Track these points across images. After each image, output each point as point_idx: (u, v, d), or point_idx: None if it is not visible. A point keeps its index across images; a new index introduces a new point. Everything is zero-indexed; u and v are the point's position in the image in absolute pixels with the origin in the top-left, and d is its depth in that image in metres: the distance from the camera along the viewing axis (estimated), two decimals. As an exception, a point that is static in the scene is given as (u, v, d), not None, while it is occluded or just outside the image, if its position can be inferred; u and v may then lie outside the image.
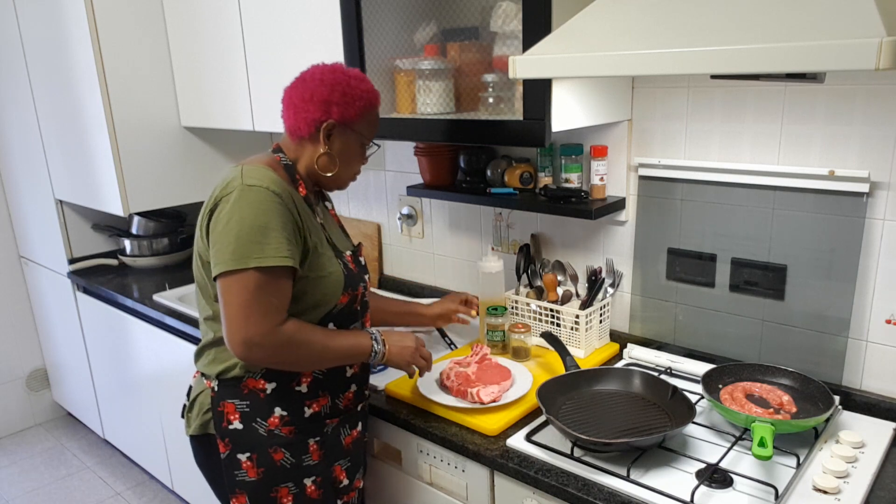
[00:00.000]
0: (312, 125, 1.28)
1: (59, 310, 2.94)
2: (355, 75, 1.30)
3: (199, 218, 1.28)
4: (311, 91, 1.27)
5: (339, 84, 1.27)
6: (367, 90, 1.31)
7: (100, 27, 2.17)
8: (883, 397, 1.38)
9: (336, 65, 1.32)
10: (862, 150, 1.32)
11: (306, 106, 1.27)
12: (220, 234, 1.18)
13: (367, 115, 1.31)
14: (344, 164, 1.33)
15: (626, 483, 1.16)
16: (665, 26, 1.06)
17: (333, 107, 1.27)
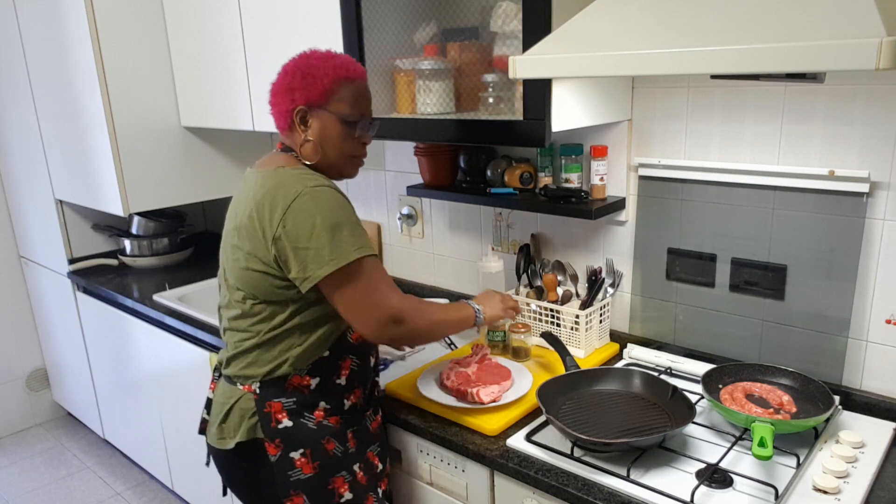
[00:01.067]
0: (287, 116, 1.28)
1: (59, 310, 2.94)
2: (321, 55, 1.27)
3: (234, 227, 1.27)
4: (277, 83, 1.28)
5: (300, 68, 1.26)
6: (333, 66, 1.26)
7: (100, 27, 2.17)
8: (883, 397, 1.38)
9: (307, 51, 1.30)
10: (862, 150, 1.32)
11: (277, 100, 1.28)
12: (311, 240, 1.17)
13: (336, 91, 1.26)
14: (330, 147, 1.29)
15: (626, 483, 1.16)
16: (665, 26, 1.06)
17: (296, 92, 1.25)
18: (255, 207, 1.22)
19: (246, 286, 1.27)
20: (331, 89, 1.26)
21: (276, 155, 1.32)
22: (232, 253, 1.28)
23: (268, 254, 1.21)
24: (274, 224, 1.19)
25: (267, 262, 1.22)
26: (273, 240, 1.19)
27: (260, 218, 1.21)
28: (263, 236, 1.21)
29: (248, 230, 1.23)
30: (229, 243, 1.30)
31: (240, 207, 1.27)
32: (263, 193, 1.21)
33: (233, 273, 1.28)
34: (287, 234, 1.18)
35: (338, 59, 1.27)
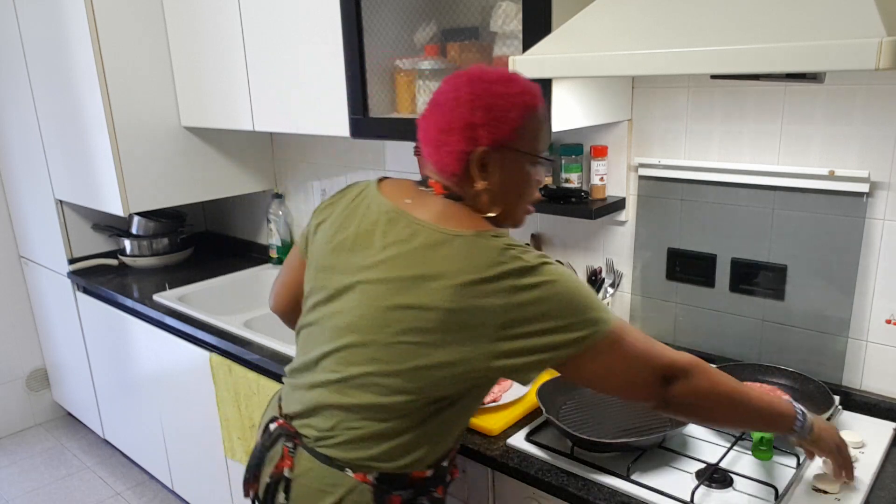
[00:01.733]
0: (461, 159, 1.02)
1: (59, 310, 2.94)
2: (498, 77, 1.02)
3: (396, 297, 0.98)
4: (447, 117, 1.01)
5: (480, 97, 1.00)
6: (519, 92, 1.02)
7: (100, 27, 2.17)
8: (883, 397, 1.38)
9: (471, 71, 1.03)
10: (862, 150, 1.32)
11: (446, 138, 1.01)
12: (563, 309, 0.94)
13: (526, 124, 1.02)
14: (513, 195, 1.06)
15: (626, 483, 1.16)
16: (665, 26, 1.06)
17: (479, 130, 1.00)
18: (455, 292, 0.94)
19: (415, 381, 1.00)
20: (520, 123, 1.02)
21: (442, 203, 1.04)
22: (393, 324, 0.99)
23: (484, 351, 0.96)
24: (496, 316, 0.94)
25: (473, 358, 0.97)
26: (497, 339, 0.95)
27: (471, 310, 0.94)
28: (480, 333, 0.95)
29: (445, 321, 0.95)
30: (383, 305, 1.00)
31: (400, 267, 0.99)
32: (468, 272, 0.94)
33: (391, 357, 1.00)
34: (516, 323, 0.94)
35: (519, 83, 1.03)
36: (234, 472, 2.15)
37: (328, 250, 1.10)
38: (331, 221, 1.14)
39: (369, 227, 1.06)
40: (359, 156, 2.32)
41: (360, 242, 1.06)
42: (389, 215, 1.05)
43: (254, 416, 1.93)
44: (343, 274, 1.06)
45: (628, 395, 1.00)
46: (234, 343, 1.92)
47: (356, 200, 1.12)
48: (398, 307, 0.98)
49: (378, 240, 1.04)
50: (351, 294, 1.04)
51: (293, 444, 1.09)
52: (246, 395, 1.93)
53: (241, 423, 1.99)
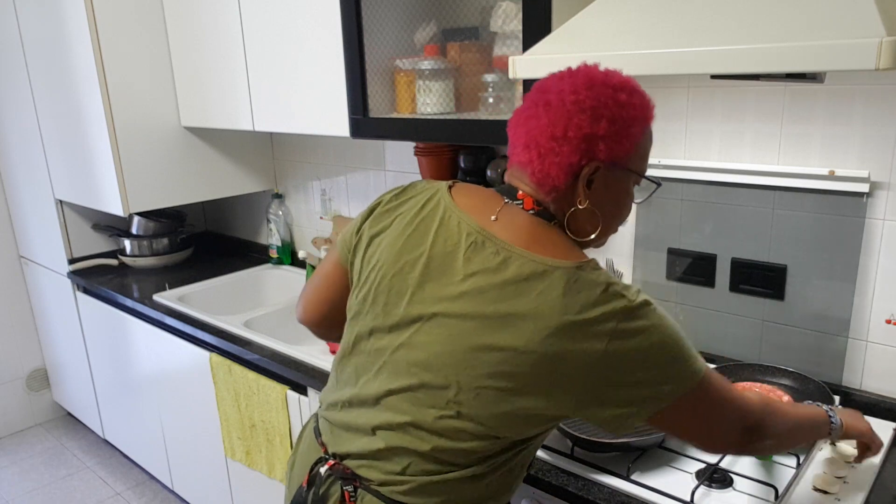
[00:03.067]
0: (569, 173, 0.90)
1: (59, 310, 2.94)
2: (622, 84, 0.90)
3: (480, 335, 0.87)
4: (563, 122, 0.88)
5: (605, 105, 0.88)
6: (641, 105, 0.91)
7: (100, 27, 2.17)
8: (883, 397, 1.38)
9: (592, 73, 0.91)
10: (862, 150, 1.32)
11: (558, 146, 0.89)
12: (662, 360, 0.87)
13: (643, 142, 0.93)
14: (611, 215, 0.97)
15: (626, 483, 1.16)
16: (665, 26, 1.06)
17: (600, 143, 0.88)
18: (552, 335, 0.84)
19: (500, 427, 0.91)
20: (640, 141, 0.92)
21: (534, 223, 0.93)
22: (479, 366, 0.88)
23: (576, 399, 0.87)
24: (591, 361, 0.84)
25: (563, 405, 0.88)
26: (591, 387, 0.86)
27: (567, 354, 0.84)
28: (574, 379, 0.86)
29: (538, 366, 0.85)
30: (467, 344, 0.88)
31: (489, 301, 0.88)
32: (567, 313, 0.84)
33: (475, 401, 0.90)
34: (610, 371, 0.85)
35: (642, 94, 0.92)
36: (234, 472, 2.15)
37: (393, 270, 0.96)
38: (393, 234, 0.99)
39: (450, 249, 0.93)
40: (359, 156, 2.32)
41: (438, 267, 0.93)
42: (474, 237, 0.92)
43: (254, 416, 1.93)
44: (415, 302, 0.93)
45: (709, 445, 0.94)
46: (234, 343, 1.92)
47: (426, 211, 0.98)
48: (485, 348, 0.87)
49: (461, 266, 0.91)
50: (426, 327, 0.92)
51: (353, 488, 0.98)
52: (246, 395, 1.93)
53: (241, 423, 1.99)
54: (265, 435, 1.91)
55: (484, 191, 0.99)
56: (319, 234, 2.55)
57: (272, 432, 1.88)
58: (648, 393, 0.86)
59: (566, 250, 0.90)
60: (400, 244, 0.97)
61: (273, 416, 1.85)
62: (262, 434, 1.92)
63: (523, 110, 0.94)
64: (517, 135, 0.94)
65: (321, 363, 1.73)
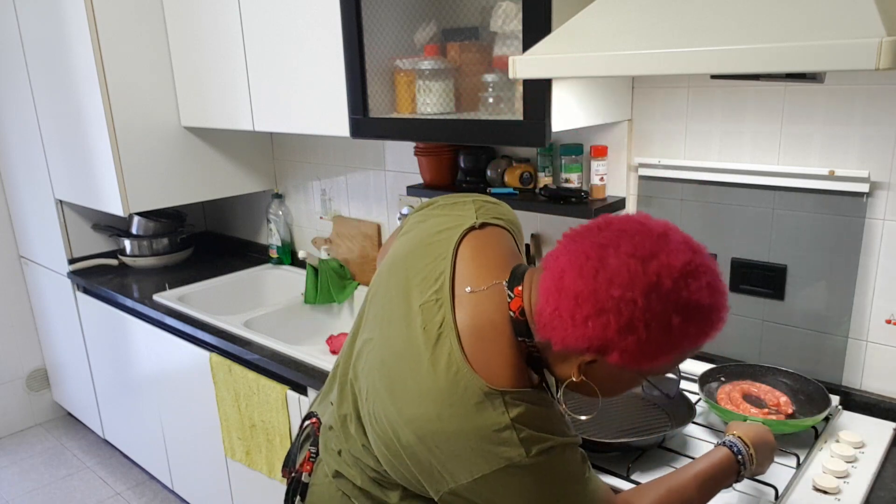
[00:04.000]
0: (572, 349, 0.79)
1: (59, 310, 2.94)
2: (690, 302, 0.74)
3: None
4: (592, 307, 0.75)
5: (649, 325, 0.74)
6: (695, 335, 0.76)
7: (100, 27, 2.17)
8: (883, 397, 1.38)
9: (669, 261, 0.75)
10: (862, 150, 1.32)
11: (573, 325, 0.77)
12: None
13: (671, 364, 0.80)
14: (606, 391, 0.86)
15: (627, 483, 1.16)
16: (665, 26, 1.05)
17: (615, 351, 0.76)
18: (429, 436, 0.81)
19: (395, 475, 0.91)
20: (668, 364, 0.80)
21: (499, 323, 0.85)
22: (378, 405, 0.88)
23: (432, 491, 0.85)
24: (455, 481, 0.81)
25: (424, 490, 0.87)
26: (448, 493, 0.83)
27: (437, 457, 0.81)
28: (434, 481, 0.83)
29: (413, 450, 0.83)
30: (378, 382, 0.88)
31: (406, 363, 0.85)
32: (449, 434, 0.79)
33: (371, 432, 0.90)
34: (471, 498, 0.81)
35: (702, 323, 0.76)
36: (234, 472, 2.15)
37: (388, 271, 0.98)
38: (411, 240, 0.99)
39: (417, 288, 0.90)
40: (359, 156, 2.32)
41: (402, 295, 0.92)
42: (438, 296, 0.87)
43: (253, 416, 1.93)
44: (378, 313, 0.95)
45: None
46: (234, 343, 1.92)
47: (438, 238, 0.95)
48: (376, 394, 0.88)
49: (412, 310, 0.89)
50: (370, 343, 0.93)
51: (316, 451, 1.05)
52: (246, 395, 1.93)
53: (240, 423, 1.99)
54: (265, 435, 1.91)
55: (498, 253, 0.92)
56: (319, 234, 2.55)
57: (272, 432, 1.88)
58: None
59: (504, 369, 0.82)
60: (404, 253, 0.98)
61: (273, 416, 1.85)
62: (262, 434, 1.92)
63: (577, 249, 0.79)
64: (557, 266, 0.80)
65: (321, 363, 1.73)
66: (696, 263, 0.76)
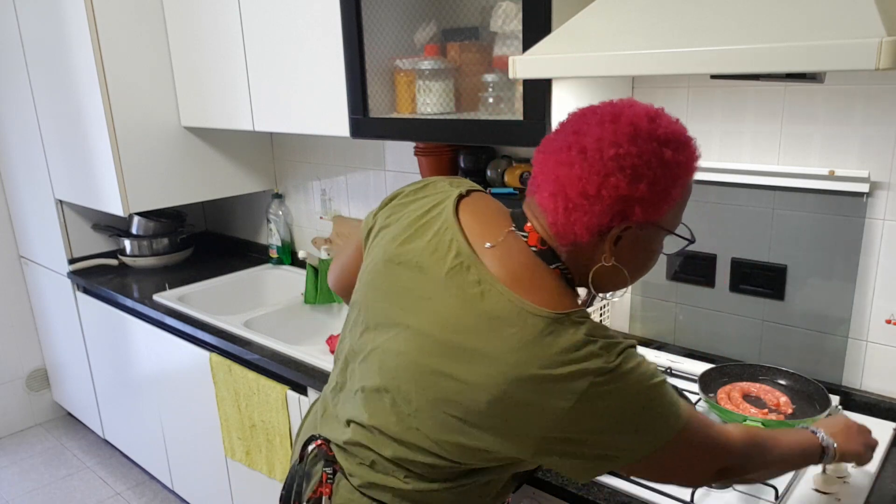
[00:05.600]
0: (594, 231, 0.83)
1: (59, 310, 2.94)
2: (667, 136, 0.82)
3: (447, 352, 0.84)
4: (598, 178, 0.80)
5: (648, 164, 0.80)
6: (687, 161, 0.83)
7: (100, 27, 2.17)
8: (883, 397, 1.38)
9: (636, 118, 0.82)
10: (862, 150, 1.32)
11: (588, 204, 0.81)
12: (634, 419, 0.81)
13: (681, 200, 0.85)
14: (632, 268, 0.89)
15: (626, 483, 1.16)
16: (665, 26, 1.05)
17: (635, 206, 0.80)
18: (513, 383, 0.80)
19: (454, 455, 0.89)
20: (679, 200, 0.85)
21: (528, 261, 0.87)
22: (434, 390, 0.86)
23: (532, 448, 0.83)
24: (553, 418, 0.80)
25: (519, 450, 0.85)
26: (552, 440, 0.81)
27: (527, 405, 0.80)
28: (532, 429, 0.81)
29: (493, 408, 0.82)
30: (430, 366, 0.86)
31: (457, 328, 0.84)
32: (534, 366, 0.79)
33: (431, 423, 0.88)
34: (574, 430, 0.81)
35: (692, 148, 0.85)
36: (234, 472, 2.15)
37: (385, 268, 0.95)
38: (394, 232, 0.97)
39: (433, 264, 0.89)
40: (359, 156, 2.32)
41: (421, 278, 0.90)
42: (461, 259, 0.87)
43: (253, 416, 1.93)
44: (395, 305, 0.92)
45: (684, 485, 0.93)
46: (234, 343, 1.92)
47: (428, 216, 0.95)
48: (444, 374, 0.84)
49: (441, 284, 0.87)
50: (402, 335, 0.90)
51: (332, 471, 1.00)
52: (246, 395, 1.93)
53: (241, 423, 1.99)
54: (265, 435, 1.91)
55: (494, 211, 0.94)
56: (319, 234, 2.55)
57: (272, 432, 1.88)
58: (615, 451, 0.82)
59: (553, 296, 0.83)
60: (396, 244, 0.95)
61: (273, 416, 1.85)
62: (262, 434, 1.92)
63: (554, 149, 0.85)
64: (544, 175, 0.85)
65: (321, 363, 1.73)
66: (653, 108, 0.86)
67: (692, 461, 0.87)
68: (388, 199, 1.05)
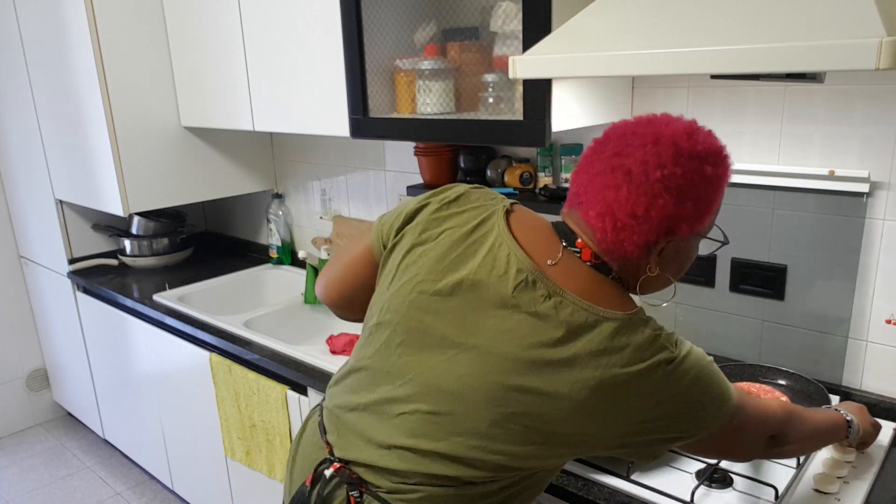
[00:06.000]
0: (642, 247, 0.87)
1: (59, 310, 2.94)
2: (706, 152, 0.85)
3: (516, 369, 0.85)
4: (646, 201, 0.84)
5: (692, 184, 0.84)
6: (725, 172, 0.88)
7: (100, 27, 2.17)
8: (883, 397, 1.38)
9: (677, 137, 0.85)
10: (862, 150, 1.32)
11: (637, 225, 0.85)
12: (698, 405, 0.87)
13: (720, 207, 0.92)
14: (675, 273, 0.95)
15: (626, 483, 1.16)
16: (665, 26, 1.05)
17: (682, 224, 0.85)
18: (594, 385, 0.83)
19: (521, 461, 0.90)
20: (717, 210, 0.91)
21: (590, 275, 0.90)
22: (509, 405, 0.86)
23: (609, 442, 0.88)
24: (634, 412, 0.85)
25: (594, 445, 0.88)
26: (626, 433, 0.86)
27: (607, 405, 0.84)
28: (611, 426, 0.86)
29: (573, 413, 0.84)
30: (501, 382, 0.86)
31: (532, 342, 0.86)
32: (613, 365, 0.83)
33: (499, 436, 0.87)
34: (652, 419, 0.86)
35: (727, 160, 0.89)
36: (234, 472, 2.15)
37: (432, 289, 0.93)
38: (439, 251, 0.95)
39: (494, 281, 0.89)
40: (359, 156, 2.32)
41: (482, 297, 0.90)
42: (525, 275, 0.88)
43: (253, 416, 1.93)
44: (451, 326, 0.91)
45: (736, 458, 0.99)
46: (234, 343, 1.92)
47: (478, 234, 0.94)
48: (520, 389, 0.85)
49: (508, 301, 0.88)
50: (463, 357, 0.89)
51: (359, 493, 0.95)
52: (246, 395, 1.93)
53: (240, 423, 1.99)
54: (265, 435, 1.91)
55: (540, 224, 0.95)
56: (319, 234, 2.55)
57: (272, 432, 1.88)
58: (683, 429, 0.88)
59: (619, 300, 0.88)
60: (445, 263, 0.93)
61: (273, 416, 1.85)
62: (262, 434, 1.92)
63: (598, 171, 0.88)
64: (589, 196, 0.89)
65: (321, 363, 1.73)
66: (688, 123, 0.88)
67: (747, 435, 0.93)
68: (412, 211, 1.01)
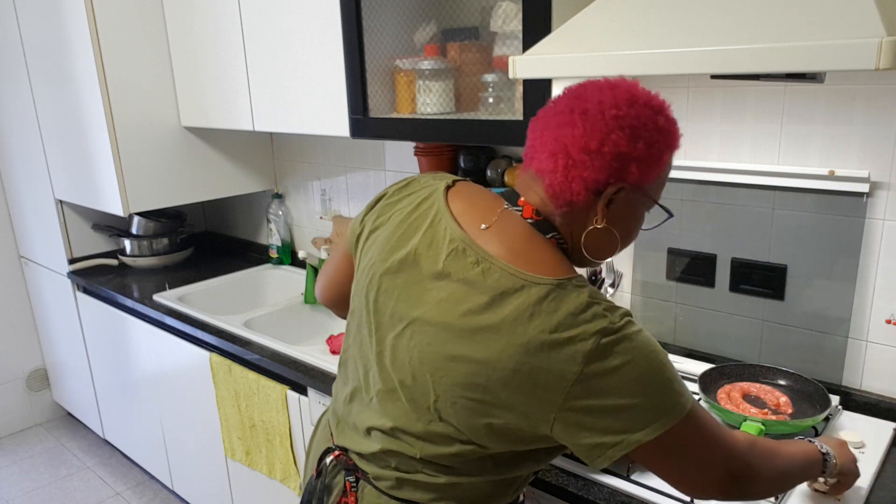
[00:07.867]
0: (592, 190, 0.86)
1: (59, 310, 2.94)
2: (660, 106, 0.88)
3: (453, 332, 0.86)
4: (600, 135, 0.84)
5: (645, 127, 0.85)
6: (674, 131, 0.89)
7: (100, 27, 2.17)
8: (883, 397, 1.38)
9: (633, 89, 0.88)
10: (862, 150, 1.32)
11: (589, 160, 0.84)
12: (641, 388, 0.81)
13: (666, 170, 0.91)
14: (622, 234, 0.92)
15: (626, 483, 1.16)
16: (665, 26, 1.05)
17: (632, 165, 0.85)
18: (522, 352, 0.81)
19: (480, 438, 0.89)
20: (667, 168, 0.90)
21: (525, 232, 0.89)
22: (452, 376, 0.86)
23: (547, 418, 0.83)
24: (566, 383, 0.80)
25: (536, 423, 0.85)
26: (562, 409, 0.82)
27: (537, 372, 0.81)
28: (544, 398, 0.82)
29: (507, 381, 0.83)
30: (443, 353, 0.87)
31: (462, 311, 0.86)
32: (540, 331, 0.81)
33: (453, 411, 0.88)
34: (588, 395, 0.81)
35: (674, 120, 0.90)
36: (234, 472, 2.15)
37: (382, 268, 0.95)
38: (387, 231, 0.98)
39: (432, 254, 0.91)
40: (359, 156, 2.32)
41: (420, 271, 0.91)
42: (456, 244, 0.89)
43: (253, 416, 1.93)
44: (401, 304, 0.92)
45: (691, 487, 0.88)
46: (234, 343, 1.92)
47: (420, 210, 0.97)
48: (458, 358, 0.85)
49: (440, 272, 0.89)
50: (408, 331, 0.91)
51: (355, 479, 1.00)
52: (246, 395, 1.93)
53: (241, 423, 1.99)
54: (265, 435, 1.91)
55: (485, 195, 0.96)
56: (319, 234, 2.55)
57: (272, 432, 1.88)
58: (628, 424, 0.81)
59: (552, 265, 0.86)
60: (392, 242, 0.96)
61: (273, 416, 1.85)
62: (262, 434, 1.92)
63: (553, 114, 0.88)
64: (543, 140, 0.88)
65: (321, 363, 1.73)
66: (640, 86, 0.90)
67: (702, 451, 0.86)
68: (373, 202, 1.06)
